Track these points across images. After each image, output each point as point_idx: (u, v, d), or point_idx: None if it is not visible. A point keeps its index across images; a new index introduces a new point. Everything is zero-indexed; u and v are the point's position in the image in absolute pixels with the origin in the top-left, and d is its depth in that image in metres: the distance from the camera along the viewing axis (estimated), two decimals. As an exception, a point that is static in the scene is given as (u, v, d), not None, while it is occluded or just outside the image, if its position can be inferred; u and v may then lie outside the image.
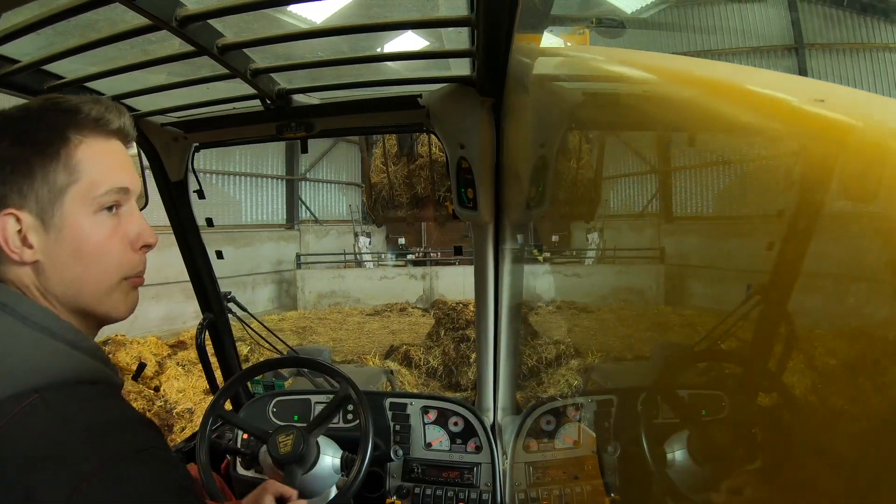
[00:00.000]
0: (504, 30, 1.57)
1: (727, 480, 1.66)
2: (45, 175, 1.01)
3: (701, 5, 14.25)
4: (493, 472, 2.54)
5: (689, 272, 2.35)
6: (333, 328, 14.65)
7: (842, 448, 1.28)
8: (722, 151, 1.54)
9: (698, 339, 2.16)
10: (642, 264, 2.53)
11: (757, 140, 1.05)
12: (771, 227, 1.47)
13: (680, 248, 1.78)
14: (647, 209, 2.60)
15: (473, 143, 2.21)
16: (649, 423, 2.22)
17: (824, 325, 1.69)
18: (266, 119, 2.39)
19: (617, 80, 2.20)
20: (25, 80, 1.92)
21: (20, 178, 1.00)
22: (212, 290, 2.97)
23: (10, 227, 0.99)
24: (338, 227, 21.70)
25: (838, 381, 1.90)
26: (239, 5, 1.57)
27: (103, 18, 1.59)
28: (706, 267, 2.75)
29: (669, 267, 1.83)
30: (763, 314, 2.27)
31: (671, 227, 1.89)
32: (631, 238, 2.62)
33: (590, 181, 7.49)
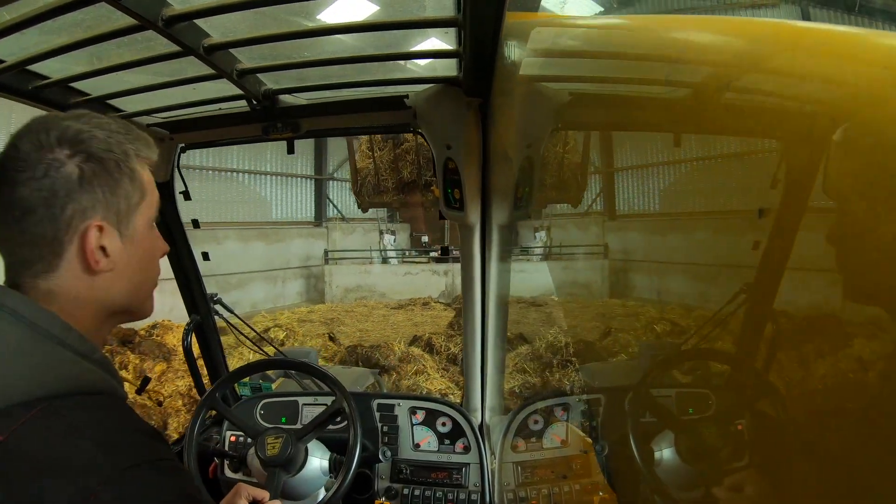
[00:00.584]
0: (491, 30, 1.57)
1: (714, 477, 1.67)
2: (124, 191, 1.09)
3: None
4: (482, 473, 2.54)
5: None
6: (360, 320, 15.13)
7: (827, 444, 1.29)
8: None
9: (685, 339, 2.17)
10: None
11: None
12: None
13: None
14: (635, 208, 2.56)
15: (460, 143, 2.21)
16: (636, 422, 2.24)
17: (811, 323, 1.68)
18: (252, 119, 2.39)
19: (604, 81, 2.21)
20: (10, 80, 1.90)
21: (104, 192, 1.06)
22: (198, 291, 2.96)
23: (93, 236, 1.05)
24: (364, 224, 22.20)
25: (824, 377, 1.89)
26: (225, 5, 1.57)
27: (89, 18, 1.58)
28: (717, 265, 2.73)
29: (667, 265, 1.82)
30: (756, 312, 2.26)
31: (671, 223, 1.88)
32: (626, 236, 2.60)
33: (577, 179, 7.46)
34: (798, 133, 2.18)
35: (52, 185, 1.02)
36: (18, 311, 0.99)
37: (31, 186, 1.01)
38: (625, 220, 17.23)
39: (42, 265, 1.04)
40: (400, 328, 13.66)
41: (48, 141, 1.03)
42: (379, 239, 21.32)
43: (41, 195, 1.01)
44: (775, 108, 2.18)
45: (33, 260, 1.04)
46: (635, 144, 16.51)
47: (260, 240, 18.46)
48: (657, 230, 16.52)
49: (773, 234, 2.33)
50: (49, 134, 1.04)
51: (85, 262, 1.05)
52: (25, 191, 1.01)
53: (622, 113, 2.36)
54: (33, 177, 1.01)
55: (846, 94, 0.90)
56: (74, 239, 1.04)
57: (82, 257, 1.05)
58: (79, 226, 1.04)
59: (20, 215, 1.01)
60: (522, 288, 13.04)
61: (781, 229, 2.30)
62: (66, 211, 1.03)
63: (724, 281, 3.19)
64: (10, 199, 1.01)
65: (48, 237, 1.03)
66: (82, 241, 1.04)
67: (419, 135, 2.35)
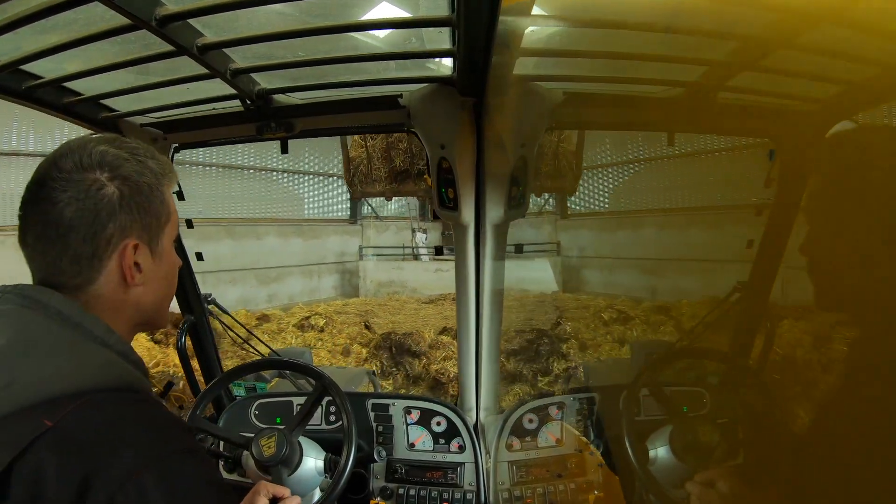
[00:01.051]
0: (485, 29, 1.57)
1: (708, 475, 1.68)
2: (155, 211, 1.20)
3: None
4: (477, 472, 2.54)
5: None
6: (392, 312, 15.54)
7: (816, 441, 1.30)
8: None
9: (679, 337, 2.18)
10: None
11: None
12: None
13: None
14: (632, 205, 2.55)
15: (454, 143, 2.21)
16: (631, 420, 2.24)
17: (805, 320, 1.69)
18: (246, 119, 2.38)
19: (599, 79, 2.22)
20: (3, 80, 1.90)
21: (139, 213, 1.17)
22: (192, 291, 2.95)
23: (130, 253, 1.16)
24: (397, 223, 22.77)
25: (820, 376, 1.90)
26: (218, 5, 1.57)
27: (82, 18, 1.57)
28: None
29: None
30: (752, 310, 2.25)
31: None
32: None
33: (572, 168, 7.46)
34: (788, 133, 2.21)
35: (94, 205, 1.11)
36: (64, 313, 1.08)
37: (74, 206, 1.10)
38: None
39: (81, 278, 1.13)
40: (430, 320, 13.91)
41: (89, 163, 1.12)
42: (412, 237, 21.75)
43: (84, 215, 1.10)
44: (765, 106, 2.20)
45: (73, 273, 1.12)
46: (628, 139, 16.54)
47: (298, 236, 19.39)
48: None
49: (767, 232, 2.35)
50: (90, 157, 1.13)
51: (121, 277, 1.16)
52: (69, 210, 1.09)
53: (616, 111, 2.37)
54: (77, 197, 1.10)
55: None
56: (113, 255, 1.14)
57: (119, 272, 1.16)
58: (118, 244, 1.14)
59: (64, 232, 1.10)
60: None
61: (777, 228, 2.32)
62: (107, 230, 1.13)
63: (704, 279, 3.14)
64: (52, 216, 1.10)
65: (89, 253, 1.12)
66: (120, 258, 1.15)
67: (413, 134, 2.35)
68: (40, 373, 1.00)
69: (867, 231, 1.12)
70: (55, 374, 1.01)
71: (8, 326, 1.04)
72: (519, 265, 13.47)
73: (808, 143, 2.11)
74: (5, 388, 0.97)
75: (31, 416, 0.96)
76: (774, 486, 1.56)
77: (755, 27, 1.60)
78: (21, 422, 0.96)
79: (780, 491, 1.48)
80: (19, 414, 0.96)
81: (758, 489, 1.61)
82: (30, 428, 0.95)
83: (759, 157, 2.27)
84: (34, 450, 0.94)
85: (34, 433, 0.95)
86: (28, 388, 0.98)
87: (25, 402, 0.97)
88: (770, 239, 2.34)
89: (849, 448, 1.09)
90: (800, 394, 1.97)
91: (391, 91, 2.27)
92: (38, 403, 0.98)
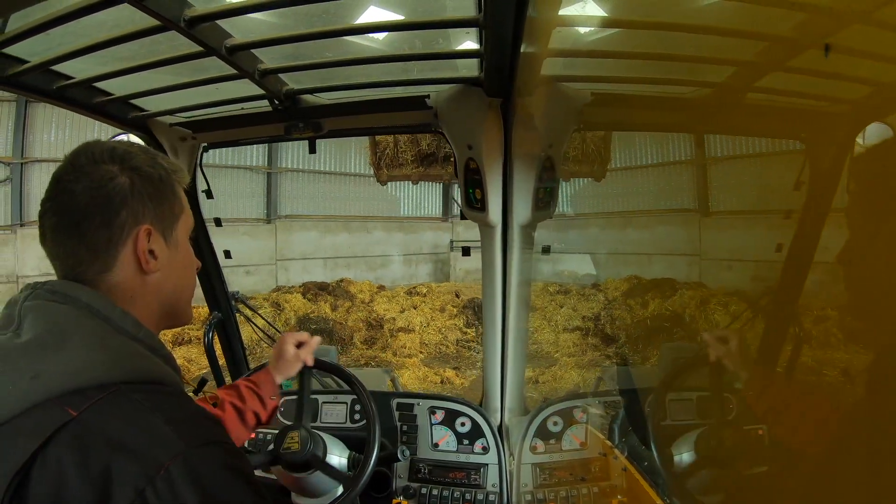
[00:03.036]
0: (512, 30, 1.56)
1: (735, 482, 1.66)
2: (168, 202, 1.24)
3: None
4: (500, 473, 2.53)
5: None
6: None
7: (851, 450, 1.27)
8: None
9: (707, 342, 2.15)
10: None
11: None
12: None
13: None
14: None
15: (481, 143, 2.20)
16: (657, 425, 2.22)
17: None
18: (274, 119, 2.40)
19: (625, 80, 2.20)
20: (35, 81, 1.93)
21: (153, 202, 1.21)
22: (220, 289, 2.98)
23: (143, 239, 1.19)
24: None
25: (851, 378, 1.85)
26: (246, 6, 1.58)
27: (112, 19, 1.60)
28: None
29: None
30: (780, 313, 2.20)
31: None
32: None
33: (601, 153, 7.43)
34: (818, 135, 2.16)
35: (107, 193, 1.15)
36: (93, 306, 1.11)
37: (88, 194, 1.14)
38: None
39: (99, 265, 1.16)
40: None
41: (101, 157, 1.17)
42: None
43: (98, 202, 1.14)
44: (795, 107, 2.16)
45: (91, 261, 1.15)
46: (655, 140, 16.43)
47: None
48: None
49: (797, 235, 2.30)
50: (102, 152, 1.18)
51: (137, 264, 1.19)
52: (84, 198, 1.14)
53: (643, 113, 2.34)
54: (90, 186, 1.14)
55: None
56: (128, 241, 1.18)
57: (134, 259, 1.19)
58: (131, 229, 1.18)
59: (79, 220, 1.14)
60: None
61: (806, 231, 2.27)
62: (121, 216, 1.16)
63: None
64: (69, 205, 1.15)
65: (104, 239, 1.15)
66: (134, 244, 1.18)
67: (440, 134, 2.34)
68: (68, 364, 1.02)
69: None
70: (82, 366, 1.03)
71: (37, 320, 1.07)
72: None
73: (839, 145, 2.07)
74: (33, 380, 0.99)
75: (56, 406, 0.98)
76: (801, 494, 1.53)
77: (784, 27, 1.57)
78: (46, 412, 0.98)
79: (808, 499, 1.45)
80: (46, 404, 0.98)
81: (786, 497, 1.58)
82: (54, 418, 0.97)
83: (788, 159, 2.23)
84: (57, 440, 0.96)
85: (58, 423, 0.96)
86: (55, 379, 1.00)
87: (52, 393, 0.99)
88: (799, 242, 2.30)
89: (880, 460, 1.06)
90: (829, 402, 1.94)
91: (418, 91, 2.27)
92: (64, 394, 0.99)
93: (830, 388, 5.22)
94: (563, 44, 1.86)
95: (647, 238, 14.93)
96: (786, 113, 2.18)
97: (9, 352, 1.03)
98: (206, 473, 0.99)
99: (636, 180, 16.25)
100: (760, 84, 1.92)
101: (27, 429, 0.97)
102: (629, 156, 16.17)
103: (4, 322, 1.09)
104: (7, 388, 0.99)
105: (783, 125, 2.28)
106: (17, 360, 1.02)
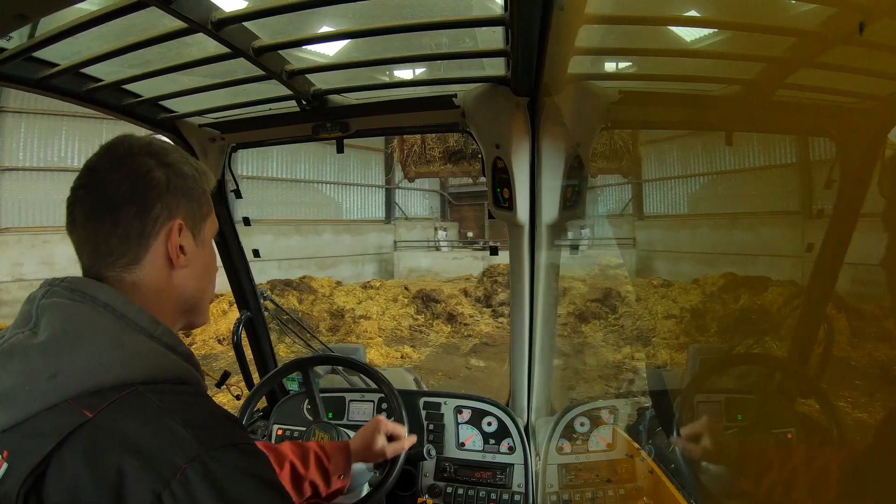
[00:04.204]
0: (538, 29, 1.55)
1: (760, 484, 1.63)
2: (198, 200, 1.26)
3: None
4: (526, 474, 2.52)
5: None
6: (421, 286, 19.44)
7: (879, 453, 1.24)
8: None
9: (734, 344, 2.12)
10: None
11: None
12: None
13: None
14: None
15: (509, 142, 2.19)
16: (684, 427, 2.19)
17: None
18: (302, 120, 2.41)
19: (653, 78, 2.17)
20: (65, 83, 1.96)
21: (186, 199, 1.23)
22: (249, 288, 3.01)
23: (175, 233, 1.21)
24: (422, 223, 28.83)
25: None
26: (273, 7, 1.59)
27: (140, 22, 1.61)
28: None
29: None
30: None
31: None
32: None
33: (629, 148, 7.38)
34: (851, 132, 2.12)
35: (144, 185, 1.17)
36: (111, 305, 1.11)
37: (125, 185, 1.16)
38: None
39: (129, 257, 1.17)
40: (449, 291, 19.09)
41: (139, 150, 1.20)
42: (434, 233, 27.86)
43: (135, 193, 1.16)
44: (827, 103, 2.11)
45: (122, 252, 1.16)
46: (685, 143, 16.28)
47: (347, 233, 24.57)
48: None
49: (828, 235, 2.26)
50: (140, 146, 1.20)
51: (167, 257, 1.20)
52: (120, 188, 1.15)
53: (672, 110, 2.31)
54: (127, 177, 1.16)
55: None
56: (160, 234, 1.19)
57: (165, 252, 1.20)
58: (165, 223, 1.19)
59: (114, 208, 1.15)
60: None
61: (838, 230, 2.23)
62: (155, 209, 1.18)
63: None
64: (104, 194, 1.15)
65: (138, 230, 1.16)
66: (167, 237, 1.20)
67: (468, 134, 2.34)
68: (85, 364, 1.03)
69: None
70: (100, 366, 1.03)
71: (55, 318, 1.07)
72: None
73: (871, 143, 2.02)
74: (50, 380, 1.00)
75: (73, 407, 0.99)
76: (830, 499, 1.50)
77: (814, 22, 1.54)
78: (63, 413, 0.98)
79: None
80: (62, 405, 0.99)
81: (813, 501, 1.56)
82: (70, 419, 0.98)
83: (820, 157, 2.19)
84: (72, 441, 0.96)
85: (73, 424, 0.97)
86: (72, 379, 1.01)
87: (69, 394, 1.00)
88: (831, 242, 2.25)
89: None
90: (860, 405, 1.88)
91: (446, 91, 2.26)
92: (81, 394, 1.00)
93: (867, 391, 5.13)
94: (590, 41, 1.84)
95: (748, 238, 14.94)
96: (818, 109, 2.14)
97: (26, 351, 1.04)
98: (224, 477, 0.98)
99: (743, 183, 16.21)
100: (791, 81, 1.89)
101: (43, 429, 0.98)
102: (742, 158, 16.08)
103: (23, 320, 1.10)
104: (24, 388, 1.00)
105: (816, 122, 2.24)
106: (34, 359, 1.03)
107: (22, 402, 1.00)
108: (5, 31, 1.53)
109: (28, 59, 1.79)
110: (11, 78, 1.85)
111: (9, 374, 1.02)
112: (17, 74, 1.85)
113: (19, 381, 1.01)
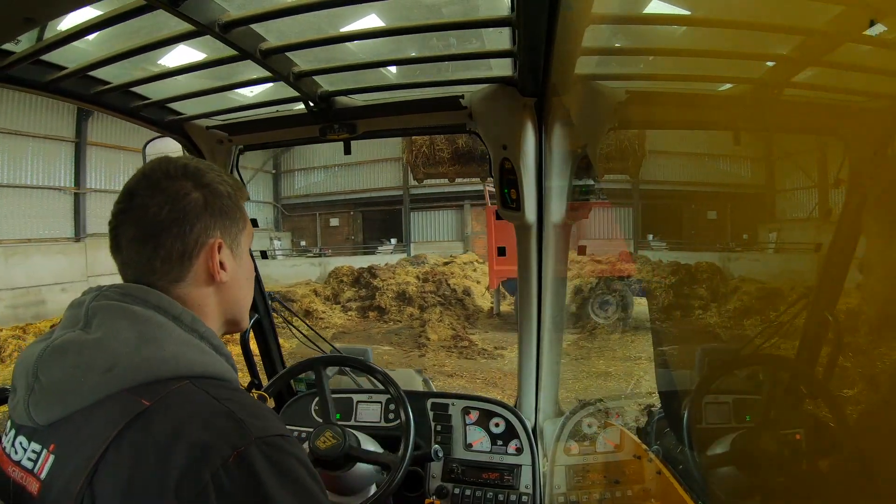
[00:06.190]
0: (545, 29, 1.55)
1: (771, 487, 1.63)
2: (234, 217, 1.30)
3: None
4: (534, 475, 2.51)
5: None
6: (273, 287, 19.36)
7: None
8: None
9: (741, 346, 2.11)
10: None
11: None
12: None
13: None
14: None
15: (516, 143, 2.19)
16: (693, 428, 2.19)
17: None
18: (309, 121, 2.41)
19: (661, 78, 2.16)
20: (73, 86, 1.97)
21: (223, 217, 1.27)
22: (256, 290, 3.01)
23: (215, 252, 1.25)
24: (259, 233, 27.62)
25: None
26: (280, 10, 1.59)
27: (148, 25, 1.62)
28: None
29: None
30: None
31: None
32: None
33: (636, 149, 7.36)
34: (859, 131, 2.10)
35: (183, 208, 1.21)
36: (161, 306, 1.18)
37: (166, 209, 1.19)
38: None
39: (172, 276, 1.22)
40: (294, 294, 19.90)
41: (175, 173, 1.23)
42: (269, 243, 28.85)
43: (175, 215, 1.20)
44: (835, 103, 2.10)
45: (165, 271, 1.21)
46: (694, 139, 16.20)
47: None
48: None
49: (836, 235, 2.25)
50: (175, 168, 1.24)
51: (207, 274, 1.26)
52: (160, 213, 1.19)
53: (680, 110, 2.31)
54: (166, 201, 1.20)
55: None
56: (201, 254, 1.24)
57: (206, 271, 1.25)
58: (205, 242, 1.24)
59: (157, 232, 1.19)
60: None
61: (846, 230, 2.22)
62: (195, 230, 1.22)
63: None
64: (145, 219, 1.20)
65: (179, 251, 1.21)
66: (207, 256, 1.24)
67: (475, 135, 2.33)
68: (140, 358, 1.09)
69: None
70: (154, 360, 1.10)
71: (109, 317, 1.14)
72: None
73: (880, 142, 2.01)
74: (106, 372, 1.07)
75: (130, 397, 1.05)
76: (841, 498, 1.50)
77: (822, 20, 1.54)
78: (121, 402, 1.05)
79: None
80: (119, 395, 1.06)
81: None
82: (129, 408, 1.04)
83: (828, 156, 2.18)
84: (132, 428, 1.02)
85: (132, 413, 1.03)
86: (128, 372, 1.07)
87: (125, 385, 1.07)
88: (839, 242, 2.24)
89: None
90: (869, 406, 1.87)
91: (452, 92, 2.26)
92: (136, 386, 1.07)
93: (876, 392, 5.09)
94: (596, 42, 1.84)
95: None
96: (828, 108, 2.13)
97: (80, 347, 1.10)
98: (280, 459, 1.05)
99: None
100: (798, 80, 1.88)
101: (103, 417, 1.04)
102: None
103: (71, 321, 1.16)
104: (78, 380, 1.07)
105: (824, 121, 2.23)
106: (89, 354, 1.09)
107: (75, 394, 1.07)
108: (13, 35, 1.54)
109: (36, 63, 1.80)
110: (21, 81, 1.87)
111: (62, 369, 1.09)
112: (26, 77, 1.86)
113: (73, 374, 1.08)
